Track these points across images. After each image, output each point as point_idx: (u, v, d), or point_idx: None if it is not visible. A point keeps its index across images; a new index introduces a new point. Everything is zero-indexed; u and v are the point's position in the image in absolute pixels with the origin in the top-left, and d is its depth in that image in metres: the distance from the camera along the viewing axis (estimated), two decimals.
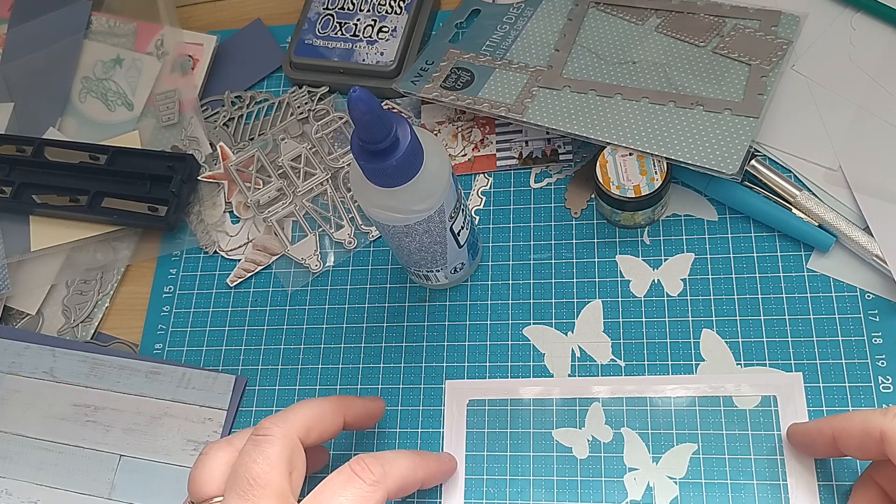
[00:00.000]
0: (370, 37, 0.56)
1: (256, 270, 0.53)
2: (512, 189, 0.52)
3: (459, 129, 0.54)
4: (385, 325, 0.50)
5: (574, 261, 0.49)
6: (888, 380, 0.43)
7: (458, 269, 0.47)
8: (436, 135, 0.54)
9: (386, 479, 0.37)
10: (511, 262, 0.50)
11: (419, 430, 0.47)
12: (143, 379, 0.50)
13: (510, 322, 0.48)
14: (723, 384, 0.44)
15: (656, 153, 0.46)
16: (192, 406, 0.49)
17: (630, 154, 0.46)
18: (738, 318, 0.46)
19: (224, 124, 0.58)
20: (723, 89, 0.47)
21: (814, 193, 0.47)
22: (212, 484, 0.37)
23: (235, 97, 0.59)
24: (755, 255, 0.47)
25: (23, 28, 0.64)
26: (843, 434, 0.37)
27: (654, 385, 0.45)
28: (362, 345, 0.49)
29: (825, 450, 0.39)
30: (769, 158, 0.49)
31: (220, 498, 0.37)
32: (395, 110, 0.55)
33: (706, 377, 0.44)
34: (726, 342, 0.45)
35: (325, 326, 0.50)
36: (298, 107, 0.57)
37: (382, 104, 0.51)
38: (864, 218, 0.45)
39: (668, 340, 0.46)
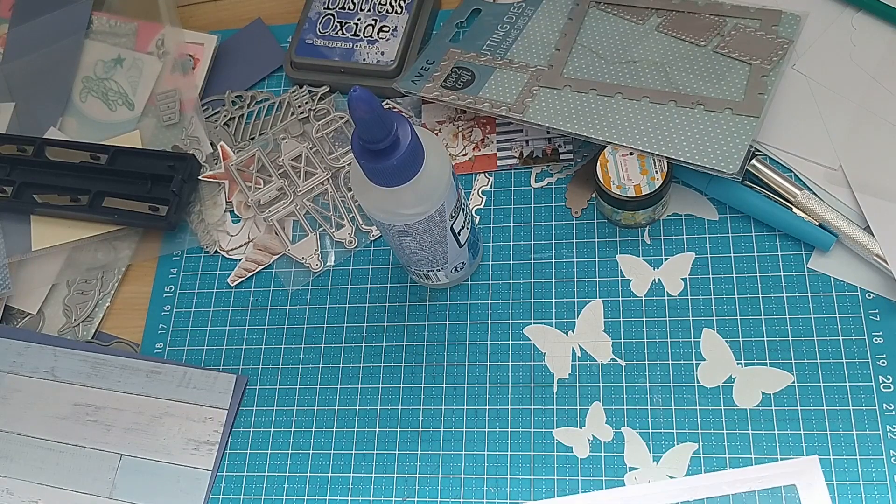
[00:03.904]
0: (371, 36, 0.56)
1: (257, 270, 0.53)
2: (512, 188, 0.52)
3: (460, 129, 0.54)
4: (385, 324, 0.50)
5: (575, 260, 0.49)
6: (888, 379, 0.43)
7: (458, 269, 0.47)
8: (436, 134, 0.54)
9: None
10: (511, 262, 0.50)
11: (419, 430, 0.47)
12: (144, 378, 0.51)
13: (511, 321, 0.48)
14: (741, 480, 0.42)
15: (657, 153, 0.46)
16: (192, 405, 0.49)
17: (631, 153, 0.46)
18: (738, 317, 0.46)
19: (225, 124, 0.58)
20: (723, 89, 0.47)
21: (814, 193, 0.47)
22: None
23: (236, 97, 0.59)
24: (756, 254, 0.47)
25: (24, 28, 0.64)
26: None
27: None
28: (363, 344, 0.49)
29: None
30: (770, 158, 0.49)
31: None
32: (395, 110, 0.55)
33: (726, 474, 0.42)
34: (727, 341, 0.45)
35: (325, 326, 0.50)
36: (299, 106, 0.57)
37: (383, 104, 0.51)
38: (864, 217, 0.45)
39: (669, 340, 0.46)
